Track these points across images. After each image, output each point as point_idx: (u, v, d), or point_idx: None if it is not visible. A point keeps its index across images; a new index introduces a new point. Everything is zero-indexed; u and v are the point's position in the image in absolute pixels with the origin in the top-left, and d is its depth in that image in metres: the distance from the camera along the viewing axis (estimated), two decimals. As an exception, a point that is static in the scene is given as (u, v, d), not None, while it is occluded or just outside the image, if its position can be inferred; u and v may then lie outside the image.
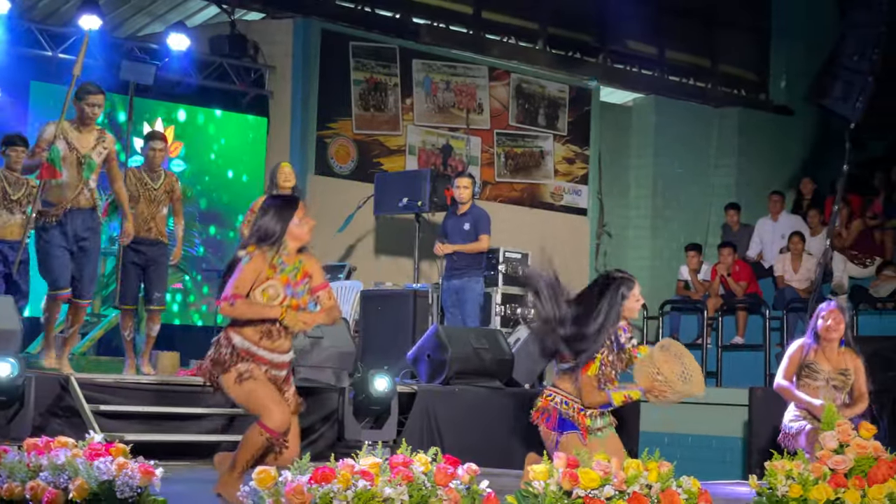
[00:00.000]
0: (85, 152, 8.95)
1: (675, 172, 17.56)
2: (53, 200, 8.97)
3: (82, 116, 9.01)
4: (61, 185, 8.91)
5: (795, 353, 8.27)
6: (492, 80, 15.96)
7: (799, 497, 5.44)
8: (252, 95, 14.47)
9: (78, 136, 8.98)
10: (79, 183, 8.93)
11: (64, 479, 4.87)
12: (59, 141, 8.86)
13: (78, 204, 8.98)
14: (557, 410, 6.53)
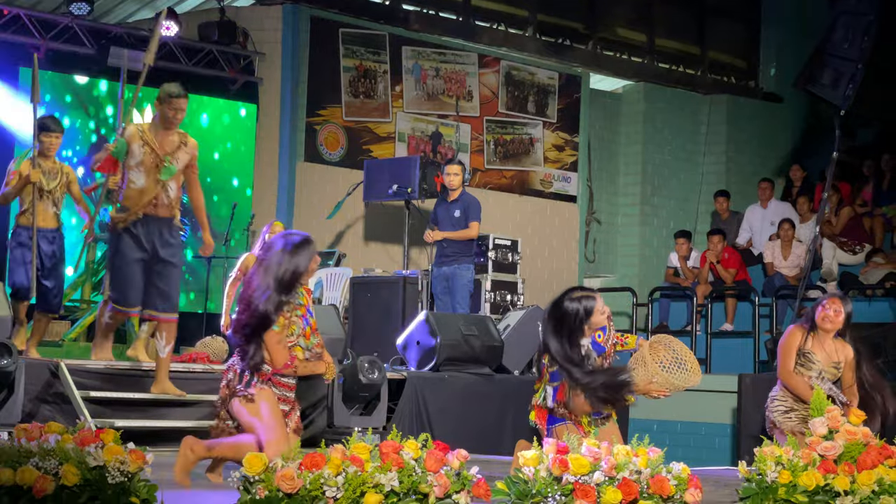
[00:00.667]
0: (165, 155, 8.35)
1: (664, 159, 17.57)
2: (126, 205, 8.39)
3: (165, 120, 8.36)
4: (135, 189, 8.34)
5: (793, 341, 8.09)
6: (481, 67, 15.95)
7: (788, 483, 5.45)
8: (241, 82, 14.43)
9: (158, 138, 8.38)
10: (155, 188, 8.36)
11: (54, 464, 4.86)
12: (136, 143, 8.32)
13: (154, 212, 8.40)
14: (548, 409, 6.52)
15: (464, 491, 4.57)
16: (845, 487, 5.56)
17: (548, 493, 4.85)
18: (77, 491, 4.77)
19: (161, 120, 8.38)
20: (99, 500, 4.73)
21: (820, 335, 8.01)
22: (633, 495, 4.91)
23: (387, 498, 4.41)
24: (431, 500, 4.49)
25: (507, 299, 12.86)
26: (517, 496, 4.92)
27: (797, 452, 5.58)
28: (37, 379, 8.60)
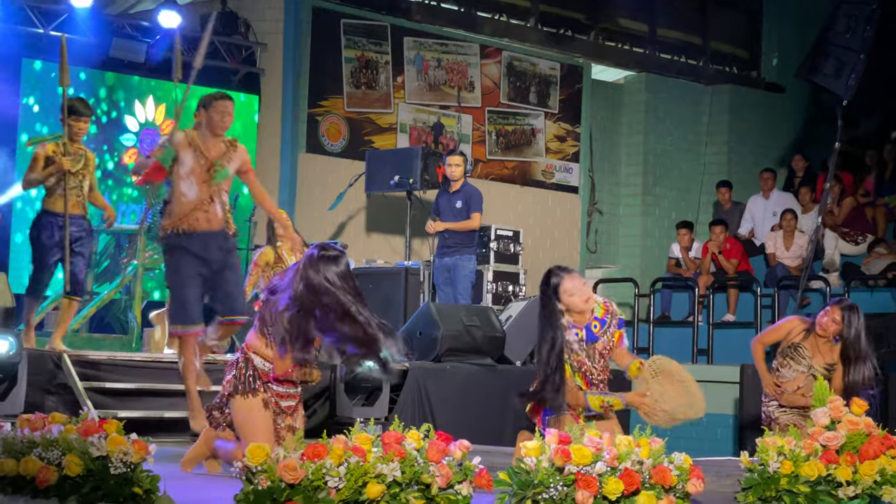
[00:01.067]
0: (215, 160, 7.92)
1: (666, 150, 17.56)
2: (176, 217, 7.81)
3: (212, 124, 7.97)
4: (186, 200, 7.80)
5: (786, 327, 8.18)
6: (483, 57, 15.94)
7: (790, 473, 5.46)
8: (243, 73, 14.43)
9: (206, 144, 7.98)
10: (207, 195, 7.87)
11: (57, 454, 4.87)
12: (185, 150, 7.92)
13: (209, 227, 7.84)
14: (543, 409, 6.51)
15: (466, 481, 4.58)
16: (847, 478, 5.56)
17: (549, 483, 4.86)
18: (80, 481, 4.78)
19: (208, 125, 8.02)
20: (102, 491, 4.74)
21: (818, 337, 8.04)
22: (635, 485, 4.92)
23: (389, 488, 4.42)
24: (434, 491, 4.49)
25: (509, 290, 12.86)
26: (519, 486, 4.93)
27: (799, 443, 5.58)
28: (39, 370, 8.61)
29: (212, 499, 5.02)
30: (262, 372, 6.09)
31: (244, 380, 6.10)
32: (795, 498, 5.46)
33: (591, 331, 6.54)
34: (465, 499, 4.57)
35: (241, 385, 6.09)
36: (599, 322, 6.57)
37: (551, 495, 4.85)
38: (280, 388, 6.13)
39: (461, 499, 4.55)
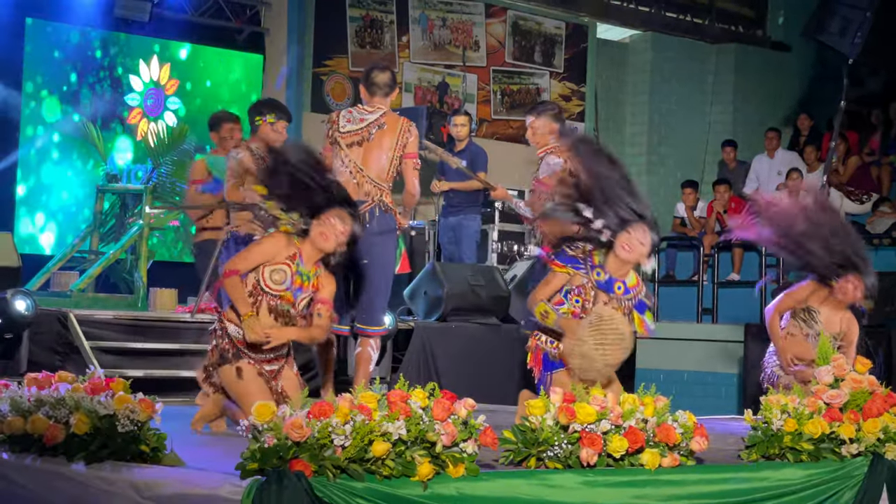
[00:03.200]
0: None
1: (671, 109, 17.52)
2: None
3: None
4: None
5: (806, 289, 7.72)
6: (488, 17, 15.89)
7: (794, 431, 5.48)
8: (248, 32, 14.40)
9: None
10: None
11: (65, 413, 4.90)
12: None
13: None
14: (542, 351, 6.45)
15: (471, 439, 4.59)
16: (851, 435, 5.59)
17: (554, 441, 4.88)
18: (87, 439, 4.81)
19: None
20: (109, 449, 4.77)
21: (832, 301, 7.68)
22: (639, 443, 4.94)
23: (394, 446, 4.44)
24: (438, 449, 4.51)
25: (514, 249, 12.88)
26: (524, 444, 4.95)
27: (803, 401, 5.60)
28: (46, 329, 8.65)
29: (218, 456, 5.04)
30: (237, 340, 6.08)
31: (220, 351, 6.11)
32: (799, 455, 5.48)
33: (612, 285, 6.28)
34: (471, 457, 4.59)
35: (220, 356, 6.11)
36: (625, 289, 6.34)
37: (556, 453, 4.88)
38: (260, 355, 6.11)
39: (466, 457, 4.57)
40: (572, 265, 6.28)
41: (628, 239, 6.18)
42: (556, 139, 7.53)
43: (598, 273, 6.26)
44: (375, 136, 7.43)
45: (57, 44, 13.17)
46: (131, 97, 13.66)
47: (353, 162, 7.34)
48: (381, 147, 7.42)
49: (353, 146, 7.38)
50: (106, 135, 13.25)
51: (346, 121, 7.49)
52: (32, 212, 12.95)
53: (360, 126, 7.46)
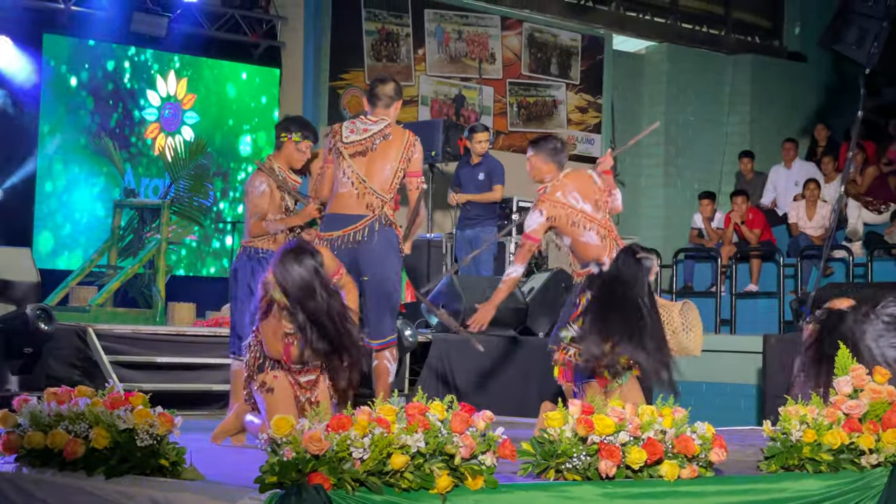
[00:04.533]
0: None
1: (688, 120, 17.51)
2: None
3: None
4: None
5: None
6: (504, 29, 15.90)
7: (813, 442, 5.46)
8: (264, 46, 14.44)
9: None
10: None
11: (84, 427, 4.91)
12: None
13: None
14: (572, 363, 6.50)
15: (489, 451, 4.60)
16: (870, 446, 5.57)
17: (573, 453, 4.88)
18: (107, 454, 4.82)
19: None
20: (129, 463, 4.78)
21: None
22: (657, 455, 4.94)
23: (413, 459, 4.44)
24: (457, 461, 4.52)
25: (532, 262, 12.86)
26: (542, 456, 4.95)
27: (822, 411, 5.58)
28: (65, 344, 8.67)
29: (238, 470, 5.05)
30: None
31: (255, 364, 6.14)
32: (818, 466, 5.47)
33: None
34: (489, 469, 4.59)
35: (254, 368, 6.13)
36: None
37: (575, 465, 4.87)
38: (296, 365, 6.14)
39: (485, 469, 4.58)
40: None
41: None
42: (551, 177, 7.50)
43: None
44: (379, 146, 7.33)
45: (74, 59, 13.23)
46: (149, 112, 13.70)
47: (355, 172, 7.24)
48: (385, 158, 7.32)
49: (356, 156, 7.30)
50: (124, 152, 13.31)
51: (349, 131, 7.39)
52: (51, 227, 12.99)
53: (363, 136, 7.35)
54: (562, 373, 6.54)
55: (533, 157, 7.50)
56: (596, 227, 7.26)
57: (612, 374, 6.49)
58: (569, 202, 7.26)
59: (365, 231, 7.18)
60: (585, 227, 7.24)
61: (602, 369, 6.48)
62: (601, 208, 7.38)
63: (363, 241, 7.15)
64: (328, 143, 7.40)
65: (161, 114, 13.76)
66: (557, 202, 7.26)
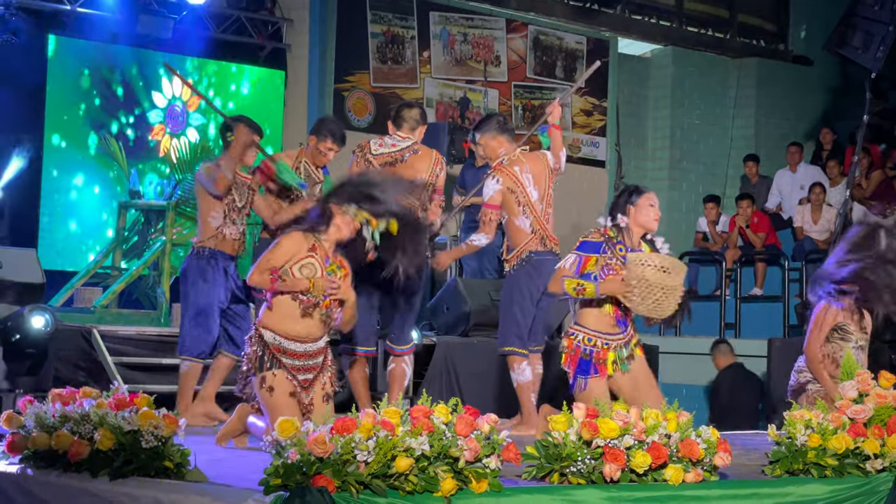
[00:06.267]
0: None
1: (693, 124, 17.50)
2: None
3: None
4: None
5: (829, 319, 7.81)
6: (509, 32, 15.90)
7: (818, 446, 5.46)
8: (269, 49, 14.45)
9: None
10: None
11: (89, 429, 4.92)
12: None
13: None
14: (580, 350, 6.52)
15: (494, 455, 4.60)
16: (875, 451, 5.57)
17: (577, 456, 4.88)
18: (112, 455, 4.83)
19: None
20: (133, 465, 4.79)
21: (851, 309, 7.72)
22: (662, 459, 4.94)
23: (417, 462, 4.45)
24: (462, 464, 4.52)
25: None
26: (547, 460, 4.95)
27: (827, 416, 5.58)
28: (70, 345, 8.68)
29: (242, 472, 5.06)
30: (274, 346, 6.09)
31: (256, 360, 6.12)
32: (823, 471, 5.47)
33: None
34: (494, 472, 4.59)
35: (255, 364, 6.11)
36: (651, 244, 6.78)
37: (579, 469, 4.87)
38: (296, 362, 6.11)
39: (489, 472, 4.58)
40: (596, 251, 6.58)
41: (641, 208, 6.67)
42: (505, 151, 7.69)
43: (620, 248, 6.59)
44: (409, 159, 7.62)
45: (79, 60, 13.23)
46: (154, 113, 13.71)
47: None
48: (416, 170, 7.55)
49: (386, 167, 7.49)
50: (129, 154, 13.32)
51: (377, 145, 7.68)
52: (56, 228, 13.00)
53: (393, 150, 7.65)
54: (567, 359, 6.56)
55: (481, 137, 7.81)
56: (532, 219, 7.64)
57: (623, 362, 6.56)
58: (522, 181, 7.60)
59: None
60: (524, 214, 7.62)
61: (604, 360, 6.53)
62: (544, 199, 7.77)
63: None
64: (356, 157, 7.58)
65: (166, 115, 13.76)
66: (513, 175, 7.63)
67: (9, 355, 8.61)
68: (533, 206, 7.63)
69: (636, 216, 6.66)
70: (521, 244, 7.67)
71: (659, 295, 6.44)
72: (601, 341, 6.52)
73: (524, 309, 7.71)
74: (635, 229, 6.68)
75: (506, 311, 7.82)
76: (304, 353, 6.12)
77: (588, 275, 6.51)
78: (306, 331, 6.12)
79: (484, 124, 7.88)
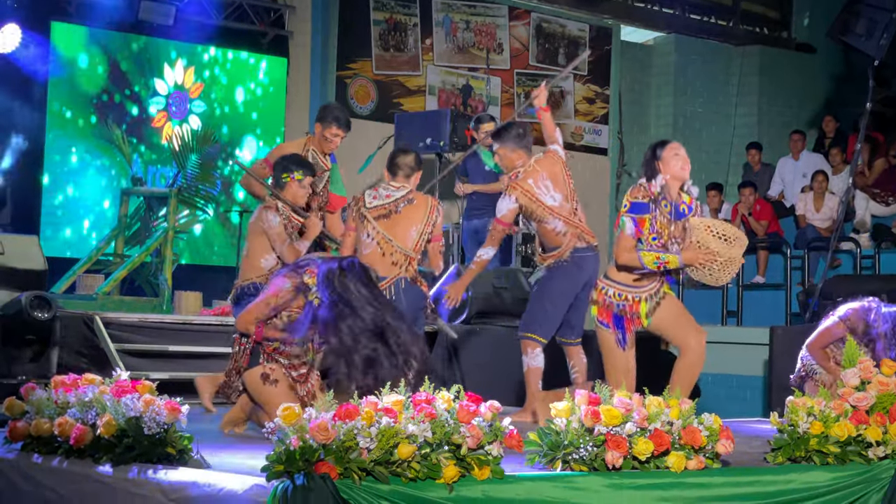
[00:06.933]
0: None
1: (695, 112, 17.48)
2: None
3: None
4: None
5: (836, 334, 7.86)
6: (512, 19, 15.88)
7: (820, 434, 5.46)
8: (272, 36, 14.43)
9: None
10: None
11: (91, 415, 4.92)
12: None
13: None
14: (613, 305, 6.65)
15: (496, 442, 4.60)
16: (877, 438, 5.57)
17: (580, 443, 4.88)
18: (114, 441, 4.83)
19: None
20: (135, 451, 4.79)
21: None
22: (664, 446, 4.94)
23: (420, 449, 4.45)
24: (464, 451, 4.52)
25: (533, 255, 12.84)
26: (549, 447, 4.95)
27: (829, 403, 5.58)
28: (72, 332, 8.68)
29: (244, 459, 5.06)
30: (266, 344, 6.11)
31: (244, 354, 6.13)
32: (825, 458, 5.47)
33: (679, 208, 6.84)
34: (496, 459, 4.59)
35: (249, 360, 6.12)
36: (688, 207, 6.91)
37: (581, 456, 4.87)
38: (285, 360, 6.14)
39: (491, 459, 4.58)
40: (647, 211, 6.76)
41: (668, 161, 6.91)
42: (522, 163, 7.85)
43: (665, 205, 6.78)
44: (403, 210, 7.66)
45: (81, 47, 13.22)
46: (156, 100, 13.70)
47: (380, 233, 7.54)
48: (411, 219, 7.62)
49: (381, 219, 7.59)
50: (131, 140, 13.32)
51: (371, 197, 7.70)
52: (58, 215, 13.00)
53: (387, 201, 7.66)
54: (600, 312, 6.67)
55: (500, 148, 7.90)
56: (562, 220, 7.70)
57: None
58: (539, 191, 7.67)
59: (391, 290, 7.40)
60: (552, 216, 7.68)
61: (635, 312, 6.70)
62: (570, 197, 7.83)
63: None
64: (351, 211, 7.62)
65: (168, 102, 13.75)
66: (527, 191, 7.69)
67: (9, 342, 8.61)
68: (558, 210, 7.68)
69: (665, 170, 6.86)
70: (563, 245, 7.76)
71: (719, 265, 6.61)
72: (632, 295, 6.67)
73: (556, 304, 7.83)
74: (671, 184, 6.86)
75: (536, 301, 7.96)
76: (296, 353, 6.16)
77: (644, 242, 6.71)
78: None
79: (502, 136, 7.95)
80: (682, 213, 6.85)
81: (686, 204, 6.89)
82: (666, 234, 6.75)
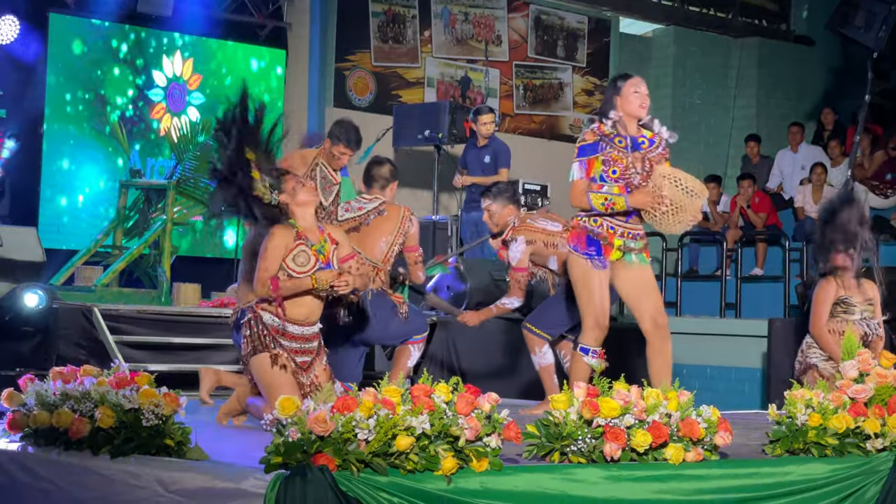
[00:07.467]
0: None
1: (694, 104, 17.47)
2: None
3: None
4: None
5: (829, 295, 8.00)
6: (510, 11, 15.87)
7: (818, 426, 5.46)
8: (270, 28, 14.42)
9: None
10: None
11: (90, 407, 4.92)
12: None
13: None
14: (586, 229, 6.57)
15: (494, 434, 4.60)
16: (875, 430, 5.57)
17: (578, 435, 4.88)
18: (112, 433, 4.83)
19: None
20: (134, 443, 4.79)
21: (846, 278, 7.98)
22: (662, 438, 4.94)
23: (418, 441, 4.45)
24: (462, 443, 4.52)
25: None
26: (547, 439, 4.95)
27: (827, 395, 5.58)
28: (71, 324, 8.68)
29: (243, 450, 5.06)
30: (272, 328, 6.08)
31: (256, 338, 6.11)
32: (823, 450, 5.47)
33: (637, 143, 6.65)
34: (494, 451, 4.59)
35: (255, 344, 6.10)
36: (648, 141, 6.72)
37: (579, 448, 4.88)
38: (294, 344, 6.12)
39: (490, 451, 4.58)
40: (595, 152, 6.60)
41: (626, 96, 6.68)
42: (514, 216, 8.00)
43: (619, 141, 6.61)
44: (373, 222, 7.65)
45: (80, 38, 13.20)
46: (154, 92, 13.69)
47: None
48: (381, 230, 7.60)
49: (351, 232, 7.52)
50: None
51: (343, 210, 7.73)
52: (57, 207, 12.99)
53: (358, 213, 7.67)
54: (572, 236, 6.62)
55: (491, 205, 7.95)
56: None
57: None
58: (539, 225, 7.89)
59: (361, 301, 7.39)
60: (561, 242, 7.66)
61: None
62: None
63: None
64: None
65: (167, 94, 13.74)
66: (530, 227, 7.88)
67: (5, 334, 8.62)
68: (564, 233, 7.67)
69: (622, 106, 6.67)
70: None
71: (678, 215, 6.54)
72: (607, 224, 6.57)
73: (572, 311, 7.80)
74: (627, 120, 6.68)
75: (556, 300, 7.99)
76: (301, 335, 6.13)
77: (596, 179, 6.58)
78: (306, 313, 6.13)
79: (494, 193, 8.09)
80: (638, 145, 6.65)
81: (647, 138, 6.70)
82: (620, 168, 6.56)
